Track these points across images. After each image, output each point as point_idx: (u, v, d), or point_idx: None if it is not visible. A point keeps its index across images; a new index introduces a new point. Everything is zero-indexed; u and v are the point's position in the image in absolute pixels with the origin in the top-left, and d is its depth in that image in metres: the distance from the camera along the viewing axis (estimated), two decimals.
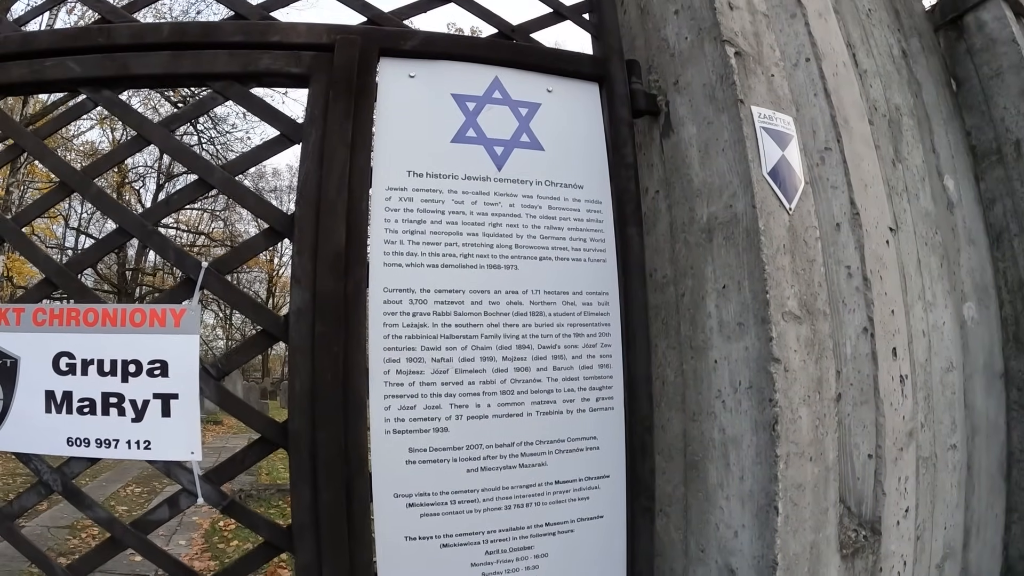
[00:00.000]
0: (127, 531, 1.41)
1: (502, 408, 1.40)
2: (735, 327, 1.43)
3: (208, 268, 1.41)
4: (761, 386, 1.39)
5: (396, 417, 1.36)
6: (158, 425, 1.40)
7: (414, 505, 1.38)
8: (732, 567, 1.46)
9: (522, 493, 1.42)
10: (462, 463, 1.39)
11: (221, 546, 5.61)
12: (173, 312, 1.42)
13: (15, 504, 1.47)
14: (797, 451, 1.40)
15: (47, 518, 6.20)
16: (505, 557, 1.43)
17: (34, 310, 1.48)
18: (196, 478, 1.38)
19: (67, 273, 1.47)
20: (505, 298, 1.41)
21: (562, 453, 1.44)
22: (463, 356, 1.38)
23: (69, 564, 1.46)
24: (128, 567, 4.76)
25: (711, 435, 1.49)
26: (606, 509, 1.47)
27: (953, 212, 2.12)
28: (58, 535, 5.38)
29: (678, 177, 1.56)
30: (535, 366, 1.41)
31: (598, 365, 1.46)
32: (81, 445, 1.43)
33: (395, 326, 1.36)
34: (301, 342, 1.36)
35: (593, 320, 1.46)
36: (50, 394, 1.43)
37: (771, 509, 1.39)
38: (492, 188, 1.44)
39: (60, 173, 1.51)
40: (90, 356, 1.43)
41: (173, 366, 1.40)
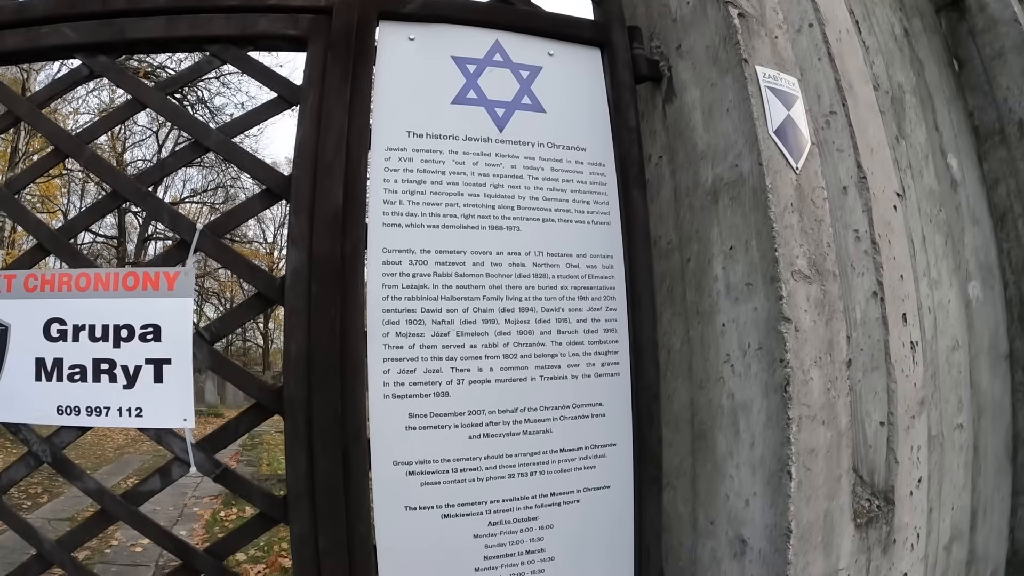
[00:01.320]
0: (116, 502, 1.33)
1: (505, 372, 1.33)
2: (743, 288, 1.37)
3: (203, 230, 1.34)
4: (771, 347, 1.32)
5: (395, 381, 1.29)
6: (150, 391, 1.33)
7: (414, 473, 1.31)
8: (743, 538, 1.39)
9: (526, 461, 1.35)
10: (464, 429, 1.31)
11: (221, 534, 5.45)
12: (167, 275, 1.35)
13: (3, 477, 1.39)
14: (809, 414, 1.33)
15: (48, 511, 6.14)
16: (509, 528, 1.35)
17: (25, 276, 1.41)
18: (189, 446, 1.31)
19: (58, 238, 1.40)
20: (507, 259, 1.34)
21: (567, 420, 1.36)
22: (464, 318, 1.31)
23: (59, 539, 1.37)
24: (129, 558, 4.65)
25: (719, 402, 1.42)
26: (613, 479, 1.40)
27: (957, 191, 2.06)
28: (59, 528, 5.18)
29: (681, 142, 1.50)
30: (539, 329, 1.35)
31: (603, 330, 1.39)
32: (71, 414, 1.35)
33: (394, 287, 1.30)
34: (297, 304, 1.30)
35: (598, 284, 1.39)
36: (40, 362, 1.36)
37: (783, 475, 1.32)
38: (493, 149, 1.39)
39: (54, 138, 1.44)
40: (81, 322, 1.36)
41: (166, 330, 1.33)
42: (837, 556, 1.41)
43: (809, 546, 1.36)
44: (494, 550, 1.36)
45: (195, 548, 1.36)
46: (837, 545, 1.41)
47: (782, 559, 1.34)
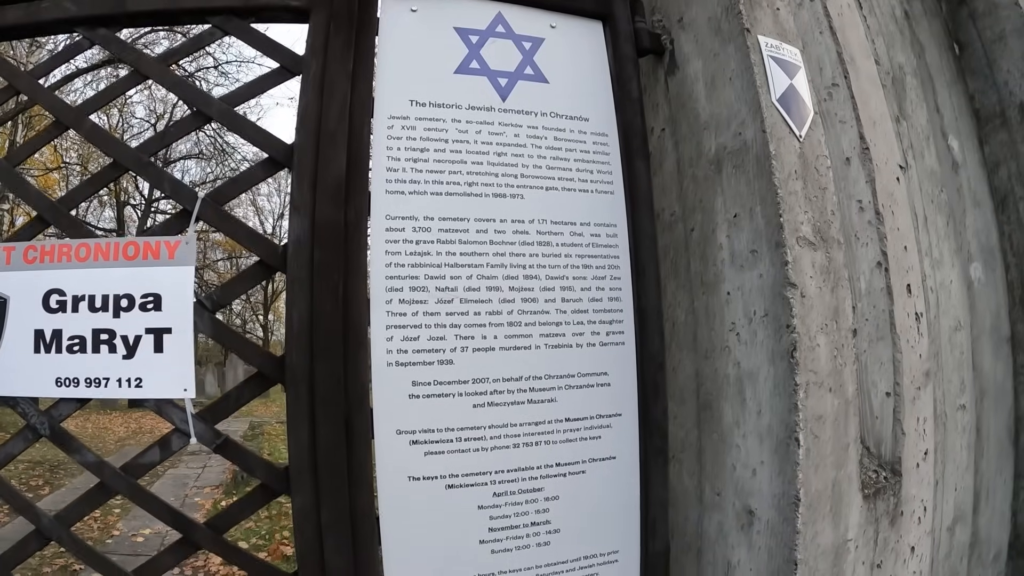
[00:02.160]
0: (116, 475, 1.31)
1: (509, 340, 1.31)
2: (748, 255, 1.35)
3: (204, 199, 1.32)
4: (777, 313, 1.31)
5: (399, 349, 1.27)
6: (150, 361, 1.31)
7: (418, 443, 1.28)
8: (751, 508, 1.36)
9: (531, 431, 1.32)
10: (468, 398, 1.29)
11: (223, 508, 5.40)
12: (168, 244, 1.33)
13: (1, 452, 1.36)
14: (816, 380, 1.31)
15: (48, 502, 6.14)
16: (514, 499, 1.33)
17: (24, 248, 1.39)
18: (189, 416, 1.29)
19: (59, 209, 1.38)
20: (511, 227, 1.33)
21: (572, 389, 1.34)
22: (468, 286, 1.30)
23: (57, 514, 1.34)
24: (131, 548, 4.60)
25: (725, 371, 1.40)
26: (618, 450, 1.38)
27: (958, 173, 2.06)
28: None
29: (684, 113, 1.49)
30: (543, 297, 1.33)
31: (608, 298, 1.37)
32: (70, 385, 1.33)
33: (398, 254, 1.28)
34: (299, 271, 1.28)
35: (602, 252, 1.38)
36: (39, 333, 1.34)
37: (791, 442, 1.30)
38: (496, 118, 1.38)
39: (54, 110, 1.43)
40: (81, 292, 1.34)
41: (167, 299, 1.31)
42: (846, 527, 1.39)
43: (818, 515, 1.34)
44: (499, 521, 1.34)
45: (195, 521, 1.34)
46: (845, 515, 1.39)
47: (791, 529, 1.32)
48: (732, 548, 1.43)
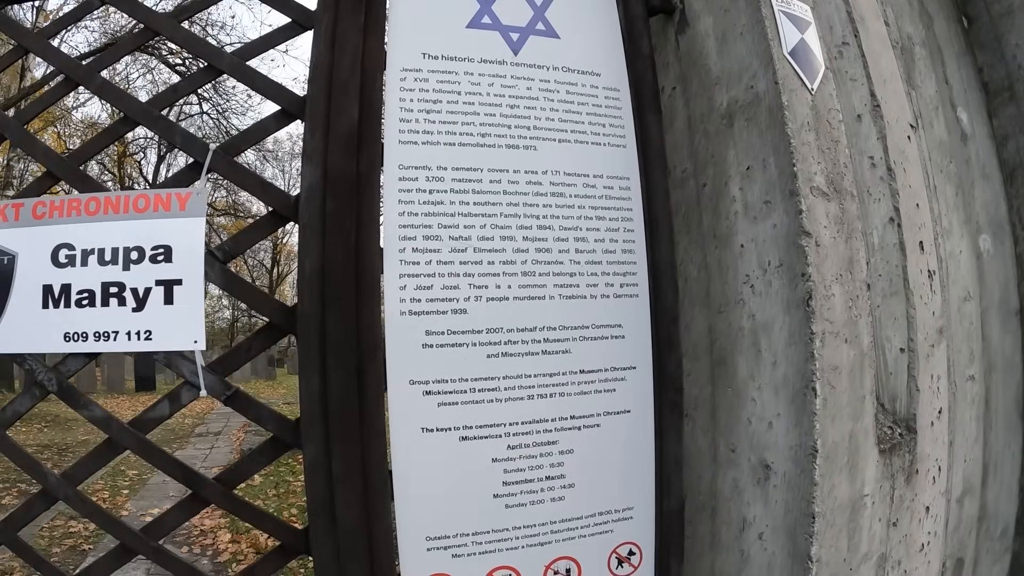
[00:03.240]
0: (124, 430, 1.29)
1: (523, 290, 1.30)
2: (761, 207, 1.35)
3: (216, 150, 1.31)
4: (792, 263, 1.30)
5: (412, 297, 1.26)
6: (160, 313, 1.30)
7: (431, 393, 1.27)
8: (767, 462, 1.35)
9: (545, 382, 1.31)
10: (482, 348, 1.28)
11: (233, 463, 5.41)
12: (179, 196, 1.32)
13: (8, 410, 1.35)
14: (832, 330, 1.30)
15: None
16: (528, 452, 1.31)
17: (33, 204, 1.38)
18: (199, 368, 1.27)
19: (67, 164, 1.37)
20: (524, 178, 1.32)
21: (586, 340, 1.33)
22: (482, 235, 1.29)
23: (63, 471, 1.32)
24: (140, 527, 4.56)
25: (739, 324, 1.39)
26: (633, 403, 1.36)
27: (967, 145, 2.06)
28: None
29: (695, 70, 1.49)
30: (557, 248, 1.32)
31: (621, 250, 1.36)
32: (79, 340, 1.32)
33: (411, 203, 1.27)
34: (311, 220, 1.27)
35: (615, 204, 1.37)
36: (48, 288, 1.32)
37: (808, 392, 1.29)
38: (508, 72, 1.38)
39: (64, 67, 1.42)
40: (91, 246, 1.33)
41: (177, 250, 1.30)
42: (862, 481, 1.38)
43: (835, 468, 1.33)
44: (513, 475, 1.32)
45: (204, 476, 1.32)
46: (862, 469, 1.38)
47: (808, 481, 1.31)
48: (748, 504, 1.42)
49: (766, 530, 1.40)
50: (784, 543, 1.37)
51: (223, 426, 10.98)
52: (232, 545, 4.93)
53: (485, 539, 1.33)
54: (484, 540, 1.33)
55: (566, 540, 1.38)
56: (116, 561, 1.33)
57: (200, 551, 4.81)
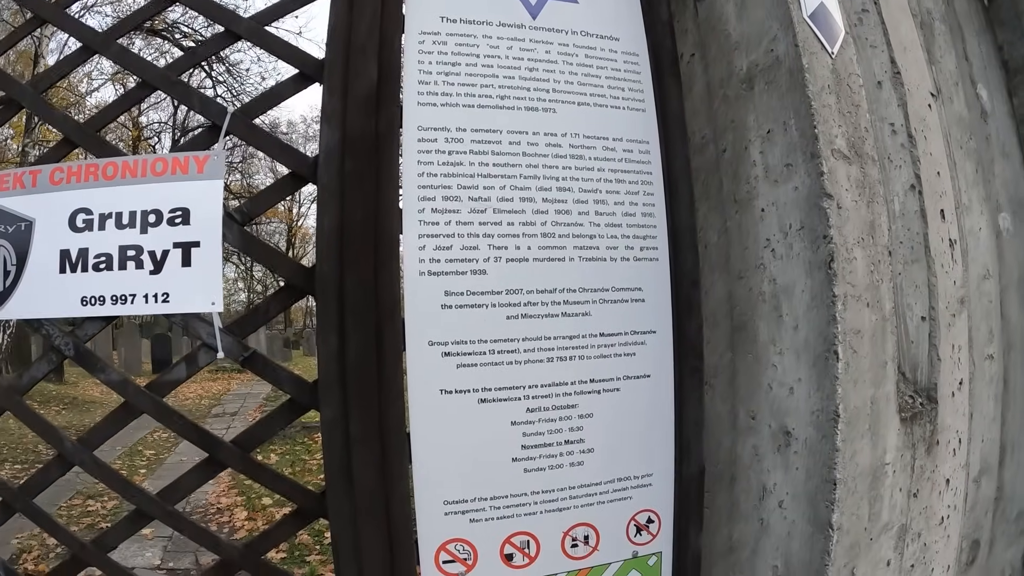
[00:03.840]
0: (140, 393, 1.28)
1: (543, 252, 1.29)
2: (782, 169, 1.34)
3: (234, 113, 1.31)
4: (813, 225, 1.29)
5: (431, 258, 1.25)
6: (177, 276, 1.29)
7: (450, 354, 1.26)
8: (788, 428, 1.34)
9: (565, 345, 1.30)
10: (501, 309, 1.27)
11: (248, 483, 5.53)
12: (196, 159, 1.32)
13: (25, 376, 1.34)
14: (854, 293, 1.29)
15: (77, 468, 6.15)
16: (548, 416, 1.30)
17: (51, 170, 1.38)
18: (216, 330, 1.27)
19: (85, 130, 1.37)
20: (544, 140, 1.32)
21: (606, 303, 1.32)
22: (501, 196, 1.29)
23: (79, 437, 1.31)
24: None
25: (760, 289, 1.38)
26: (653, 368, 1.36)
27: (987, 122, 2.05)
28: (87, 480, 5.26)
29: (714, 36, 1.49)
30: (576, 210, 1.32)
31: (641, 213, 1.36)
32: (96, 303, 1.31)
33: (430, 164, 1.27)
34: (330, 181, 1.27)
35: (634, 168, 1.37)
36: (65, 253, 1.32)
37: (830, 355, 1.28)
38: (527, 35, 1.37)
39: (81, 36, 1.42)
40: (108, 210, 1.33)
41: (195, 213, 1.30)
42: (883, 449, 1.36)
43: (856, 433, 1.32)
44: (532, 439, 1.31)
45: (221, 440, 1.31)
46: (883, 436, 1.37)
47: (830, 446, 1.30)
48: (767, 472, 1.41)
49: (786, 498, 1.39)
50: (804, 510, 1.36)
51: (239, 407, 11.04)
52: (248, 522, 5.01)
53: (503, 504, 1.32)
54: (502, 505, 1.32)
55: (584, 506, 1.37)
56: (132, 526, 1.33)
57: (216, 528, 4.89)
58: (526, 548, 1.35)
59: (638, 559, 1.43)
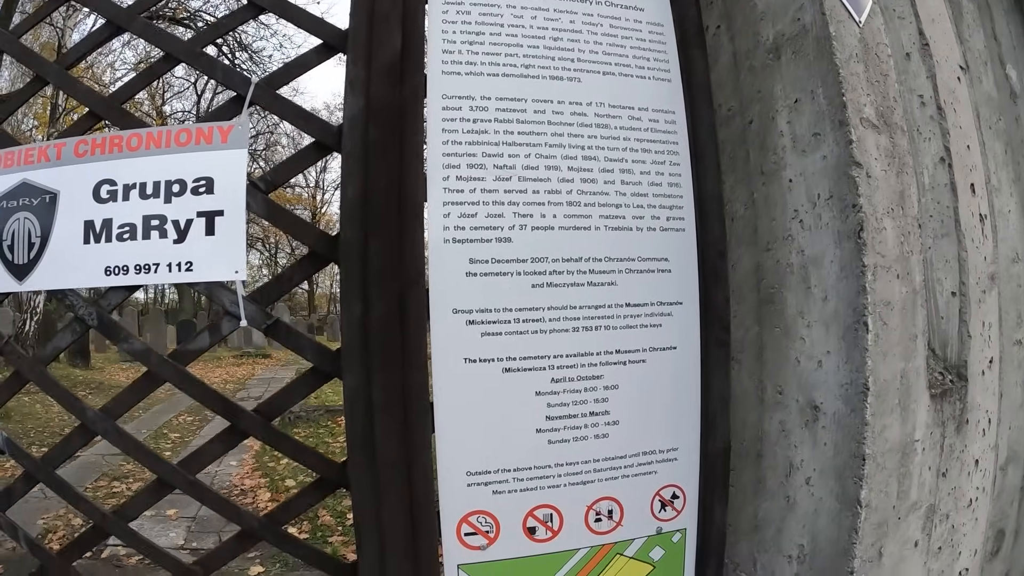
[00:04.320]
0: (163, 362, 1.29)
1: (569, 220, 1.29)
2: (810, 139, 1.33)
3: (258, 83, 1.32)
4: (843, 193, 1.28)
5: (456, 225, 1.25)
6: (201, 245, 1.30)
7: (474, 323, 1.26)
8: (816, 403, 1.33)
9: (591, 314, 1.30)
10: (526, 277, 1.27)
11: (272, 464, 5.70)
12: (220, 129, 1.33)
13: (48, 347, 1.35)
14: (884, 264, 1.28)
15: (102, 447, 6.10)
16: (573, 386, 1.30)
17: (75, 143, 1.39)
18: (239, 298, 1.27)
19: (109, 102, 1.38)
20: (569, 108, 1.32)
21: (632, 273, 1.32)
22: (526, 164, 1.28)
23: (103, 406, 1.32)
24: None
25: (788, 261, 1.37)
26: (679, 340, 1.35)
27: (1016, 103, 2.03)
28: (112, 461, 5.48)
29: (739, 7, 1.49)
30: (602, 179, 1.31)
31: (667, 183, 1.35)
32: (119, 273, 1.32)
33: (454, 132, 1.27)
34: (354, 148, 1.27)
35: (660, 138, 1.37)
36: (89, 224, 1.34)
37: (860, 326, 1.26)
38: (551, 4, 1.38)
39: (104, 12, 1.43)
40: (132, 181, 1.34)
41: (219, 182, 1.31)
42: (913, 425, 1.35)
43: (886, 408, 1.30)
44: (557, 410, 1.31)
45: (243, 408, 1.31)
46: (913, 412, 1.35)
47: (859, 420, 1.28)
48: (795, 448, 1.39)
49: (813, 474, 1.37)
50: (832, 487, 1.34)
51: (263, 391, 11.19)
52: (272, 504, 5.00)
53: (527, 476, 1.32)
54: (525, 477, 1.32)
55: (609, 480, 1.36)
56: (153, 496, 1.33)
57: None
58: (549, 521, 1.34)
59: (662, 535, 1.42)
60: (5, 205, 1.42)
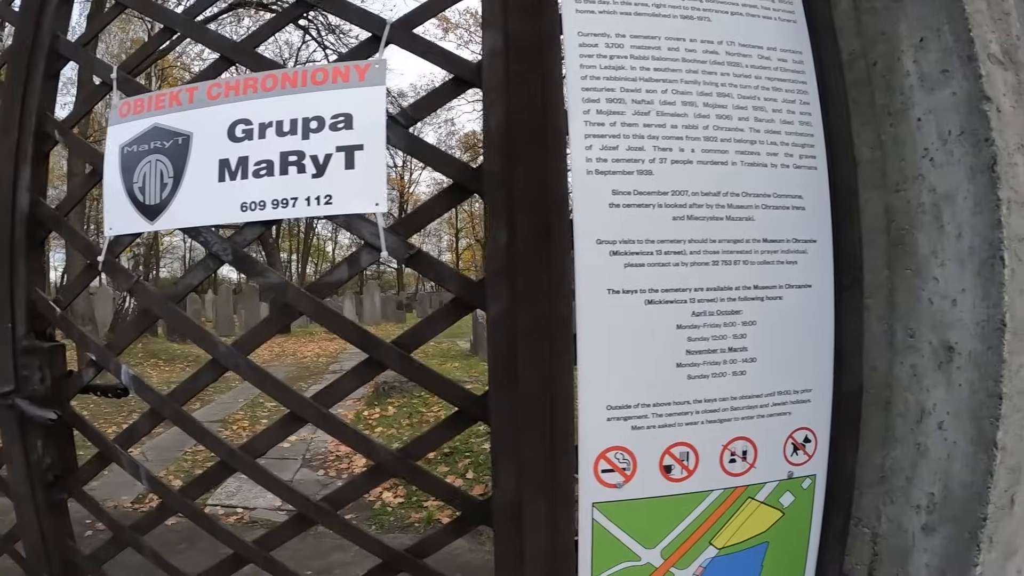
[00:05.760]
0: (300, 295, 1.33)
1: (706, 155, 1.35)
2: (938, 76, 1.39)
3: (394, 23, 1.38)
4: (974, 128, 1.34)
5: (598, 157, 1.31)
6: (340, 178, 1.36)
7: (618, 254, 1.30)
8: (950, 343, 1.36)
9: (730, 248, 1.35)
10: (667, 209, 1.32)
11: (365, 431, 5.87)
12: (357, 67, 1.40)
13: (180, 284, 1.40)
14: (1018, 199, 1.34)
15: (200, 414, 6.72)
16: (712, 321, 1.34)
17: (207, 86, 1.47)
18: (380, 230, 1.32)
19: (241, 46, 1.45)
20: (701, 47, 1.39)
21: (768, 209, 1.37)
22: (663, 100, 1.35)
23: (235, 341, 1.35)
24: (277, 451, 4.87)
25: (919, 200, 1.42)
26: (814, 278, 1.39)
27: None
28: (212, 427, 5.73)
29: None
30: (737, 115, 1.38)
31: (799, 121, 1.42)
32: (256, 209, 1.38)
33: (592, 67, 1.34)
34: (495, 81, 1.34)
35: (790, 77, 1.44)
36: (224, 162, 1.40)
37: (996, 261, 1.31)
38: None
39: None
40: (268, 119, 1.42)
41: (358, 118, 1.37)
42: None
43: (1023, 346, 1.33)
44: (697, 344, 1.34)
45: (382, 340, 1.34)
46: None
47: (996, 358, 1.32)
48: (927, 391, 1.42)
49: (947, 417, 1.40)
50: (966, 429, 1.37)
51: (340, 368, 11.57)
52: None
53: (666, 411, 1.35)
54: (664, 412, 1.35)
55: (744, 419, 1.39)
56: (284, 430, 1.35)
57: (336, 474, 5.23)
58: (685, 460, 1.36)
59: (793, 480, 1.44)
60: (136, 149, 1.48)
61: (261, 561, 1.41)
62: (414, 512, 4.32)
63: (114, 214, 1.50)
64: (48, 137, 1.60)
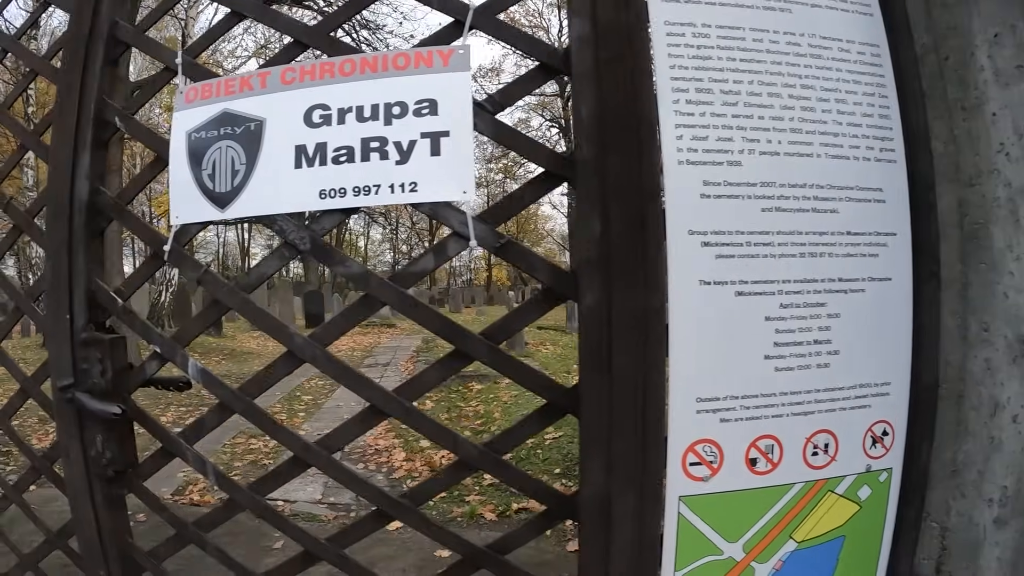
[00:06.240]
0: (384, 284, 1.32)
1: (793, 147, 1.36)
2: (1013, 72, 1.43)
3: (476, 8, 1.37)
4: None
5: (689, 147, 1.32)
6: (426, 165, 1.34)
7: (709, 244, 1.31)
8: None
9: (815, 240, 1.36)
10: (756, 201, 1.33)
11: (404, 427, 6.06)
12: (441, 53, 1.39)
13: (252, 274, 1.37)
14: None
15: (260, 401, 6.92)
16: (799, 313, 1.35)
17: (281, 71, 1.44)
18: (468, 219, 1.31)
19: (315, 30, 1.43)
20: (784, 38, 1.42)
21: (852, 202, 1.39)
22: (750, 91, 1.36)
23: (312, 332, 1.33)
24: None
25: (994, 194, 1.45)
26: (893, 271, 1.42)
27: None
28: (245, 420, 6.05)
29: None
30: (820, 107, 1.40)
31: (878, 115, 1.44)
32: (335, 196, 1.36)
33: (680, 57, 1.35)
34: (584, 68, 1.35)
35: (868, 70, 1.46)
36: (300, 148, 1.38)
37: None
38: None
39: None
40: (347, 104, 1.40)
41: (443, 103, 1.36)
42: None
43: None
44: (784, 336, 1.36)
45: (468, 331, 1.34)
46: None
47: None
48: (1001, 385, 1.45)
49: (1021, 411, 1.43)
50: None
51: (391, 358, 12.12)
52: (407, 463, 5.34)
53: (753, 404, 1.35)
54: (752, 405, 1.35)
55: (827, 412, 1.40)
56: (364, 424, 1.32)
57: (375, 468, 5.34)
58: (770, 453, 1.37)
59: (870, 473, 1.45)
60: (204, 135, 1.45)
61: (334, 559, 1.38)
62: (456, 507, 4.35)
63: (181, 202, 1.47)
64: (108, 124, 1.56)
